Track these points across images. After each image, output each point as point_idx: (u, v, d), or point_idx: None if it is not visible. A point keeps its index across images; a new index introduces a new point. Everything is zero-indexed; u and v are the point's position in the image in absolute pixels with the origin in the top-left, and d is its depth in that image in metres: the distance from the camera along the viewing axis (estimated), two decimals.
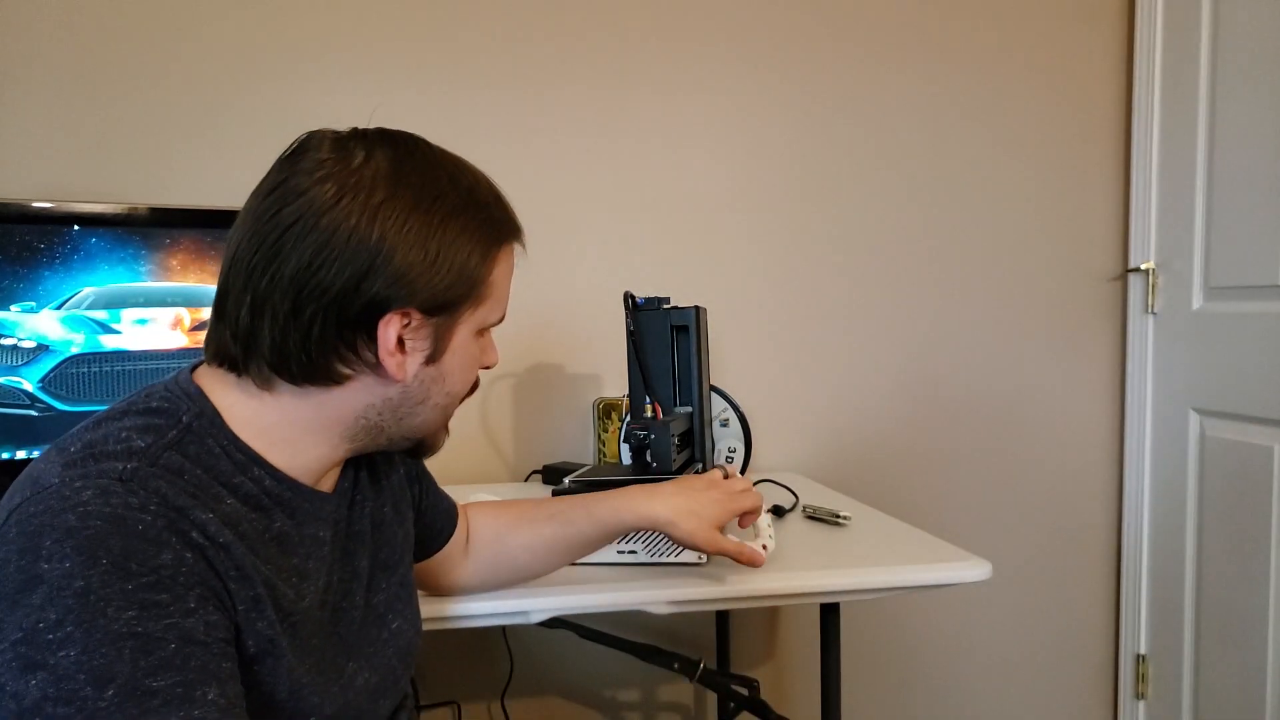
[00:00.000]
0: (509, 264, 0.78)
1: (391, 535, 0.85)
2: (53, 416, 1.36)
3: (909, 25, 1.88)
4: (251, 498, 0.68)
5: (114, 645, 0.55)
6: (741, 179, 1.84)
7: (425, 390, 0.74)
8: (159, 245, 1.41)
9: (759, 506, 1.02)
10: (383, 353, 0.69)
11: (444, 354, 0.73)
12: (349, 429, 0.73)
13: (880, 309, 1.91)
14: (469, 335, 0.75)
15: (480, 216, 0.74)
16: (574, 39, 1.76)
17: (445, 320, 0.72)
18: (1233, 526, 1.73)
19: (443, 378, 0.74)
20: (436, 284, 0.69)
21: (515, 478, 1.78)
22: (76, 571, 0.56)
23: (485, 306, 0.75)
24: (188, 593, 0.59)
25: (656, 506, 0.95)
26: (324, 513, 0.75)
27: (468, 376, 0.77)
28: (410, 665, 0.85)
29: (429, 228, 0.69)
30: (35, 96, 1.58)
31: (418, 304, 0.69)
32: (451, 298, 0.71)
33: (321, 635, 0.73)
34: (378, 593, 0.81)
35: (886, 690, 1.97)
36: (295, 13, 1.66)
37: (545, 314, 1.78)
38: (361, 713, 0.76)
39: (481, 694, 1.77)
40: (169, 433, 0.66)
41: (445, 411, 0.78)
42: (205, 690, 0.57)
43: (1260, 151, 1.65)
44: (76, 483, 0.59)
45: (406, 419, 0.75)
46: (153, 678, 0.56)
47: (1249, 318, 1.68)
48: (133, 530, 0.58)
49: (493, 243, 0.75)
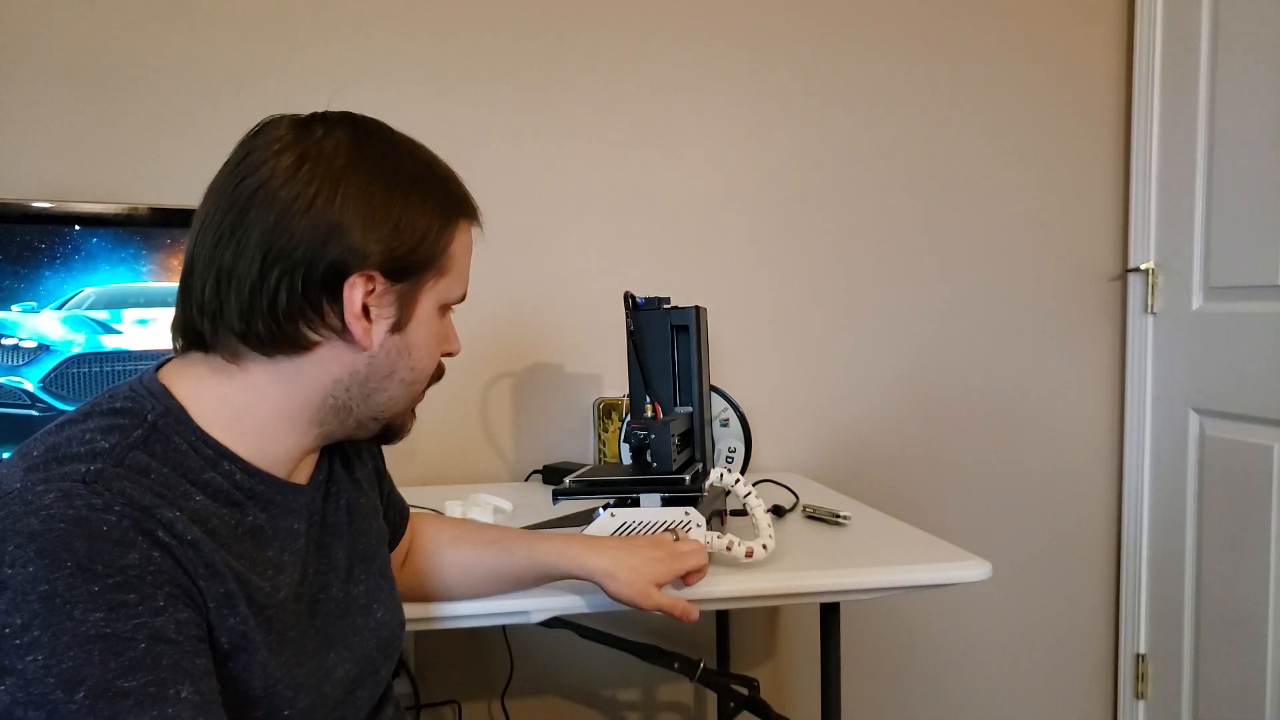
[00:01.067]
0: (467, 241, 0.78)
1: (367, 526, 0.85)
2: (53, 416, 1.36)
3: (909, 25, 1.89)
4: (222, 493, 0.68)
5: (82, 648, 0.55)
6: (741, 179, 1.84)
7: (391, 363, 0.74)
8: (160, 245, 1.41)
9: (704, 566, 1.03)
10: (349, 315, 0.70)
11: (409, 323, 0.74)
12: (318, 410, 0.73)
13: (880, 309, 1.91)
14: (432, 309, 0.75)
15: (440, 189, 0.75)
16: (574, 39, 1.76)
17: (409, 288, 0.73)
18: (1232, 526, 1.73)
19: (408, 350, 0.75)
20: (399, 248, 0.70)
21: (515, 478, 1.78)
22: (41, 575, 0.56)
23: (447, 280, 0.76)
24: (156, 591, 0.59)
25: (597, 559, 0.95)
26: (298, 505, 0.75)
27: (432, 354, 0.78)
28: (392, 657, 0.84)
29: (391, 194, 0.70)
30: (35, 96, 1.58)
31: (382, 268, 0.70)
32: (413, 263, 0.72)
33: (299, 627, 0.73)
34: (358, 583, 0.81)
35: (886, 690, 1.97)
36: (295, 12, 1.66)
37: (546, 314, 1.78)
38: (338, 704, 0.76)
39: (481, 694, 1.78)
40: (134, 432, 0.65)
41: (411, 390, 0.77)
42: (178, 689, 0.58)
43: (1260, 151, 1.65)
44: (38, 487, 0.59)
45: (374, 396, 0.75)
46: (124, 678, 0.56)
47: (1248, 318, 1.68)
48: (97, 532, 0.58)
49: (452, 214, 0.75)
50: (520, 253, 1.77)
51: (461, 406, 1.76)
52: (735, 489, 1.15)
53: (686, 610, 0.97)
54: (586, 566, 0.95)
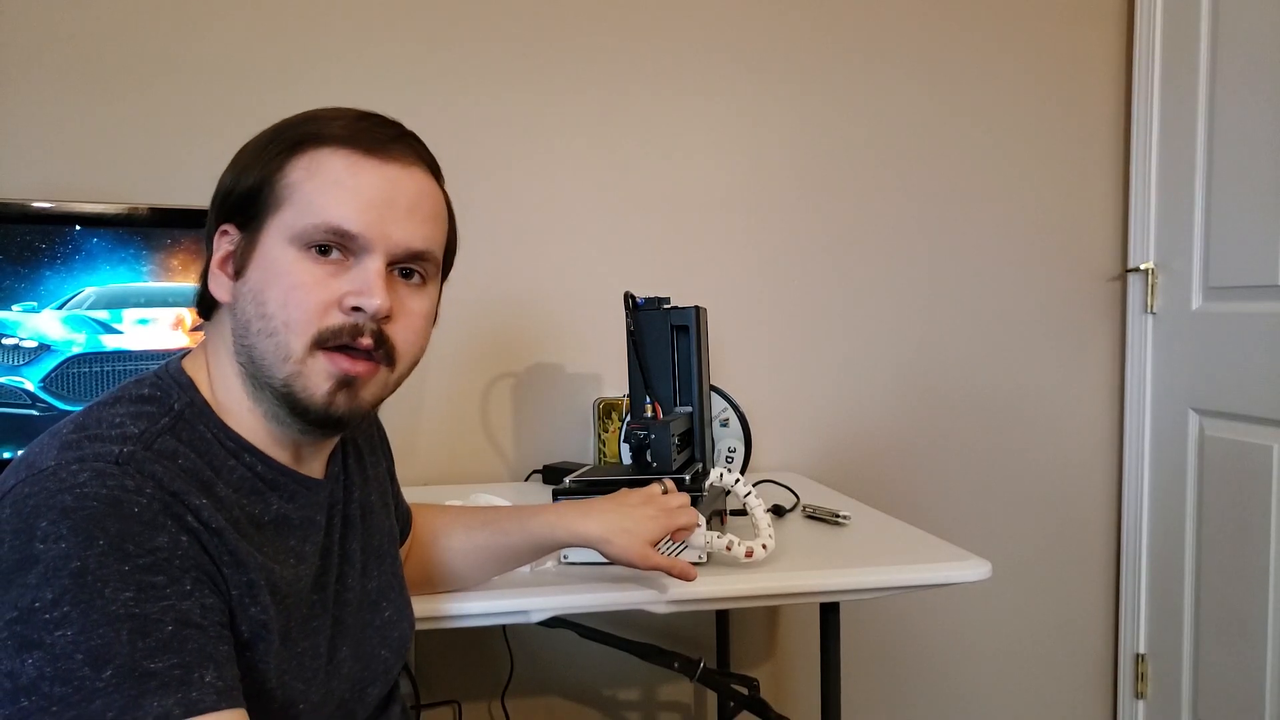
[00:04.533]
0: (319, 166, 0.69)
1: (380, 524, 0.86)
2: (54, 416, 1.36)
3: (909, 26, 1.89)
4: (245, 483, 0.69)
5: (112, 626, 0.55)
6: (741, 179, 1.84)
7: (245, 312, 0.69)
8: (160, 245, 1.41)
9: (694, 524, 1.01)
10: (211, 268, 0.72)
11: (249, 266, 0.69)
12: (243, 384, 0.71)
13: (880, 309, 1.91)
14: (276, 245, 0.68)
15: (289, 127, 0.71)
16: (575, 39, 1.76)
17: (251, 233, 0.70)
18: (1232, 526, 1.73)
19: (253, 294, 0.68)
20: (234, 191, 0.71)
21: (515, 477, 1.78)
22: (73, 552, 0.56)
23: (286, 211, 0.68)
24: (184, 575, 0.60)
25: (590, 524, 0.94)
26: (319, 498, 0.76)
27: (284, 296, 0.67)
28: (402, 657, 0.85)
29: (253, 145, 0.72)
30: (36, 96, 1.58)
31: (230, 217, 0.71)
32: (245, 202, 0.70)
33: (319, 618, 0.73)
34: (371, 579, 0.82)
35: (886, 690, 1.97)
36: (296, 13, 1.66)
37: (546, 314, 1.78)
38: (347, 699, 0.76)
39: (481, 694, 1.78)
40: (162, 419, 0.66)
41: (274, 343, 0.68)
42: (203, 673, 0.58)
43: (1259, 151, 1.65)
44: (73, 465, 0.60)
45: (252, 354, 0.69)
46: (151, 659, 0.56)
47: (1248, 318, 1.69)
48: (129, 513, 0.58)
49: (292, 143, 0.70)
50: (520, 253, 1.77)
51: (461, 406, 1.76)
52: (735, 489, 1.15)
53: (685, 570, 0.97)
54: (580, 533, 0.94)
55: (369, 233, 0.68)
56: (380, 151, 0.70)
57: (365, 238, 0.68)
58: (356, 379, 0.69)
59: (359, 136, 0.69)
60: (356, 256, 0.69)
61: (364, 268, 0.68)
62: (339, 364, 0.68)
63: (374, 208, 0.68)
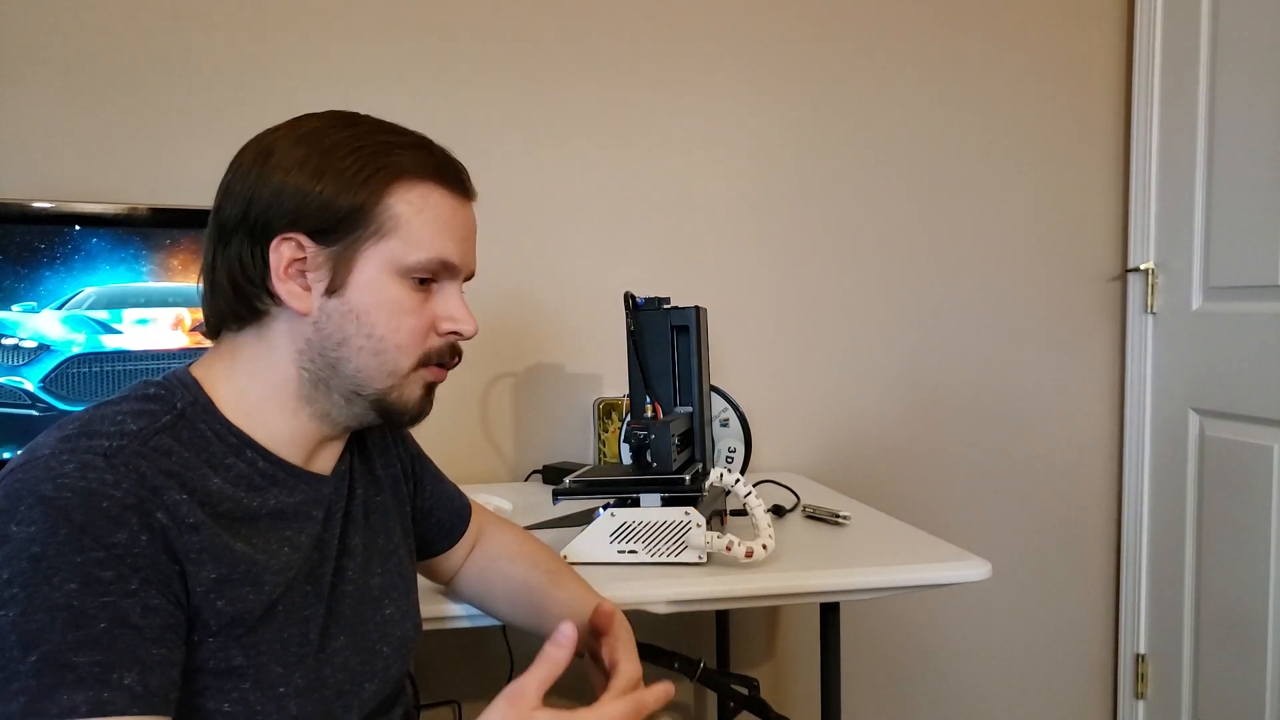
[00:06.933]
0: (425, 203, 0.73)
1: (387, 524, 0.86)
2: (54, 416, 1.36)
3: (909, 26, 1.89)
4: (244, 478, 0.71)
5: (49, 613, 0.57)
6: (741, 179, 1.84)
7: (340, 329, 0.72)
8: (160, 245, 1.41)
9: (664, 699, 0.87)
10: (275, 279, 0.71)
11: (346, 286, 0.71)
12: (298, 386, 0.74)
13: (880, 309, 1.91)
14: (379, 272, 0.72)
15: (380, 150, 0.72)
16: (575, 40, 1.76)
17: (342, 251, 0.71)
18: (1232, 526, 1.73)
19: (355, 315, 0.72)
20: (314, 206, 0.70)
21: (515, 477, 1.78)
22: (37, 537, 0.59)
23: (393, 242, 0.71)
24: (134, 574, 0.61)
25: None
26: (319, 491, 0.77)
27: (395, 322, 0.72)
28: (404, 657, 0.85)
29: (317, 151, 0.71)
30: (35, 96, 1.58)
31: (304, 229, 0.70)
32: (334, 221, 0.70)
33: (311, 606, 0.74)
34: (373, 575, 0.82)
35: (886, 690, 1.97)
36: (296, 13, 1.66)
37: (546, 314, 1.78)
38: (341, 690, 0.76)
39: (481, 694, 1.77)
40: (162, 418, 0.69)
41: (380, 361, 0.73)
42: (123, 675, 0.59)
43: (1260, 152, 1.65)
44: (63, 455, 0.62)
45: (340, 367, 0.73)
46: (76, 653, 0.57)
47: (1248, 318, 1.69)
48: (97, 506, 0.61)
49: (391, 174, 0.71)
50: (521, 253, 1.77)
51: (461, 406, 1.76)
52: (735, 489, 1.15)
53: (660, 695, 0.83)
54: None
55: (461, 265, 0.76)
56: (463, 191, 0.77)
57: (458, 269, 0.76)
58: (437, 384, 0.79)
59: (446, 173, 0.75)
60: (439, 281, 0.76)
61: (450, 294, 0.77)
62: (435, 376, 0.78)
63: (465, 242, 0.77)
